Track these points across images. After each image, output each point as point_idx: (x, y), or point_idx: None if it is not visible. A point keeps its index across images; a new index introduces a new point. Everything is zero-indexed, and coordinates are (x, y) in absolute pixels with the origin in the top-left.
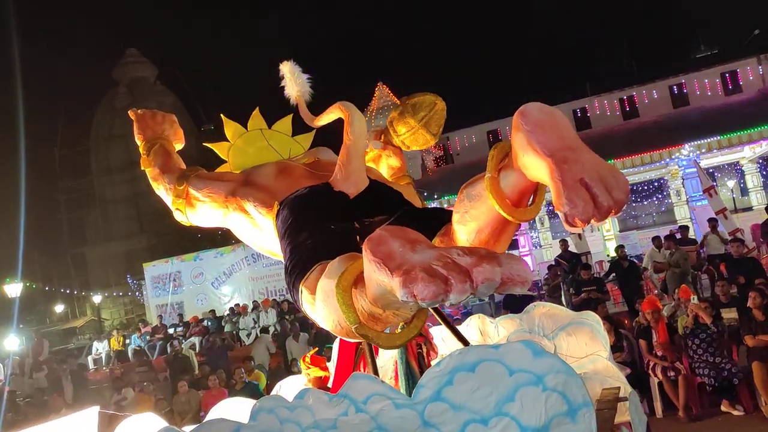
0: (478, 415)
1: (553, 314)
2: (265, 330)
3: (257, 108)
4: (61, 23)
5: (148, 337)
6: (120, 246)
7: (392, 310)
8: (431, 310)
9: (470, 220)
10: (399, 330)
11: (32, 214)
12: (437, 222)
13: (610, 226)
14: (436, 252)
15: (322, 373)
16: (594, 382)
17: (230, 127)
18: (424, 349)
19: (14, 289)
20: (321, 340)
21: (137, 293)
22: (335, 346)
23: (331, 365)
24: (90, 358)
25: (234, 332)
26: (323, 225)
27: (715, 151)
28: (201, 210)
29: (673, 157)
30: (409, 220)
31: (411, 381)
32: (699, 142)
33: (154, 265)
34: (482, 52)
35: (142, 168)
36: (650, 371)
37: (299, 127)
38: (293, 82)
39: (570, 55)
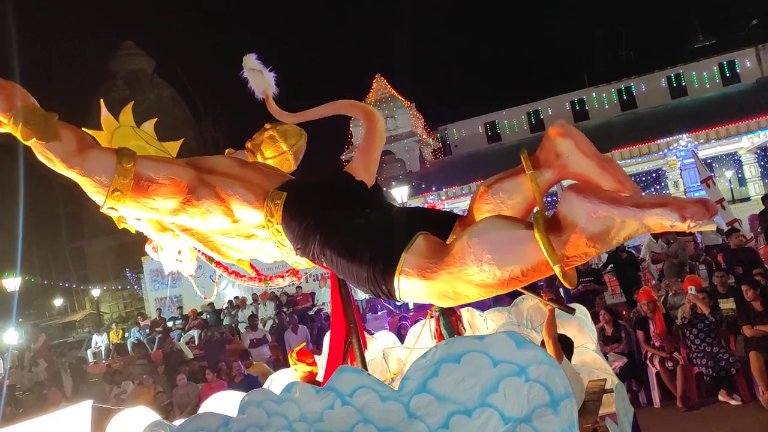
0: (462, 407)
1: (541, 307)
2: (263, 323)
3: (131, 103)
4: (57, 14)
5: (147, 331)
6: (118, 239)
7: (595, 248)
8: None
9: (506, 209)
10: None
11: (30, 208)
12: (435, 214)
13: None
14: (655, 195)
15: (309, 368)
16: (582, 373)
17: (105, 119)
18: (459, 326)
19: (13, 283)
20: (323, 333)
21: (136, 287)
22: (325, 340)
23: (322, 359)
24: (89, 352)
25: (233, 325)
26: (365, 210)
27: (713, 141)
28: (153, 196)
29: (671, 147)
30: (411, 212)
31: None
32: (697, 132)
33: (152, 259)
34: (479, 44)
35: (30, 140)
36: (648, 361)
37: (162, 132)
38: (259, 77)
39: (567, 46)
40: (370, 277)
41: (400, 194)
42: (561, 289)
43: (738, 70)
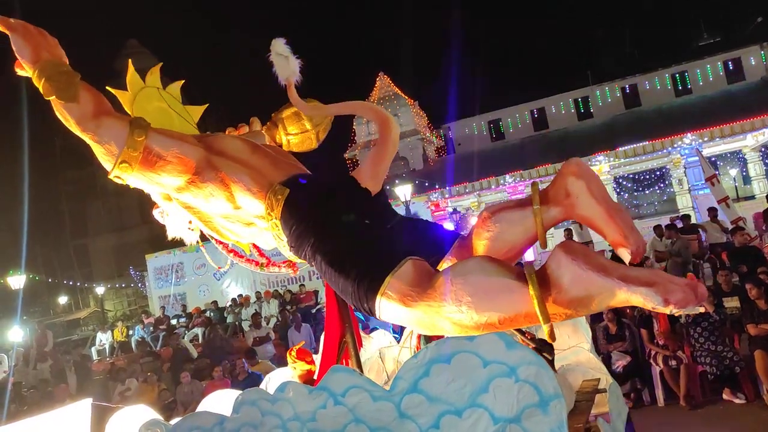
0: (452, 407)
1: None
2: (267, 321)
3: (160, 64)
4: (61, 13)
5: (151, 328)
6: (122, 237)
7: (573, 311)
8: None
9: (506, 240)
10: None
11: (34, 206)
12: (434, 233)
13: None
14: (648, 270)
15: (308, 367)
16: (576, 373)
17: (131, 79)
18: None
19: (17, 281)
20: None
21: (140, 284)
22: (321, 339)
23: (318, 358)
24: (94, 349)
25: (236, 323)
26: (365, 220)
27: (717, 139)
28: (160, 172)
29: (675, 145)
30: (410, 227)
31: None
32: (701, 130)
33: (156, 257)
34: (482, 41)
35: (51, 97)
36: (652, 360)
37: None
38: (285, 62)
39: (572, 44)
40: (355, 293)
41: (403, 192)
42: None
43: (743, 68)
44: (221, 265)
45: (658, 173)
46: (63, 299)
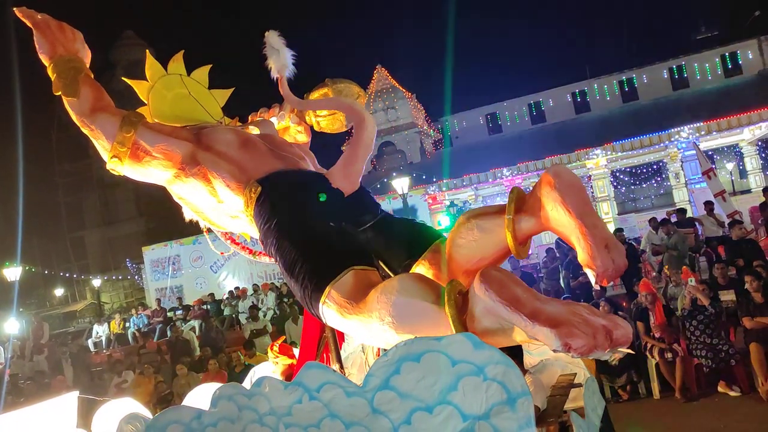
0: (423, 403)
1: None
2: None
3: (182, 51)
4: (57, 4)
5: (146, 320)
6: (119, 229)
7: (495, 341)
8: None
9: (477, 248)
10: None
11: (31, 198)
12: (412, 234)
13: (608, 209)
14: (567, 307)
15: (290, 361)
16: (555, 368)
17: (151, 68)
18: None
19: (14, 272)
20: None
21: (136, 277)
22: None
23: (258, 373)
24: (90, 342)
25: (233, 315)
26: (329, 223)
27: (714, 133)
28: (147, 166)
29: (672, 139)
30: (389, 227)
31: None
32: (698, 124)
33: (152, 249)
34: (481, 35)
35: (58, 92)
36: (647, 353)
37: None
38: (277, 55)
39: (569, 37)
40: (303, 297)
41: (400, 185)
42: (562, 280)
43: (740, 62)
44: (224, 251)
45: (655, 167)
46: (59, 291)
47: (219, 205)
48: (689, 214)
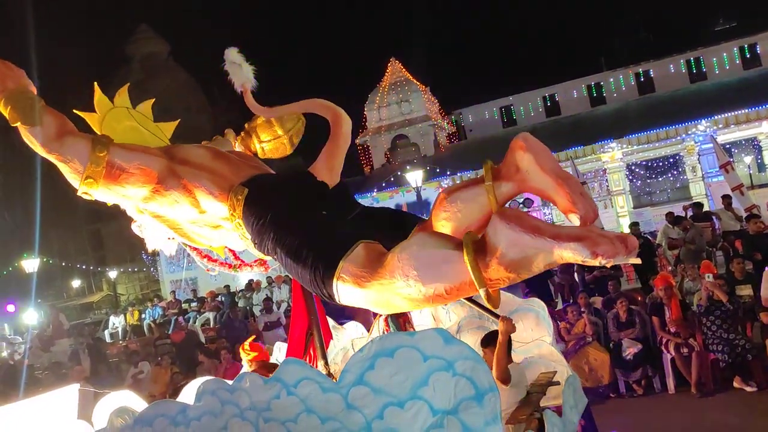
0: (395, 399)
1: (502, 301)
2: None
3: (127, 84)
4: None
5: (161, 312)
6: None
7: (515, 274)
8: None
9: (461, 219)
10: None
11: (48, 190)
12: (396, 218)
13: (623, 202)
14: (581, 227)
15: (261, 359)
16: (539, 365)
17: (100, 101)
18: (409, 327)
19: (32, 264)
20: (337, 314)
21: (152, 269)
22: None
23: (282, 348)
24: (107, 333)
25: (248, 307)
26: (321, 211)
27: (732, 126)
28: (124, 184)
29: (689, 132)
30: (372, 215)
31: None
32: (716, 117)
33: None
34: (495, 27)
35: (16, 123)
36: (663, 347)
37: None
38: (239, 70)
39: (585, 29)
40: (312, 280)
41: (414, 178)
42: (576, 274)
43: (759, 54)
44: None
45: (671, 160)
46: (76, 283)
47: (200, 217)
48: (706, 208)
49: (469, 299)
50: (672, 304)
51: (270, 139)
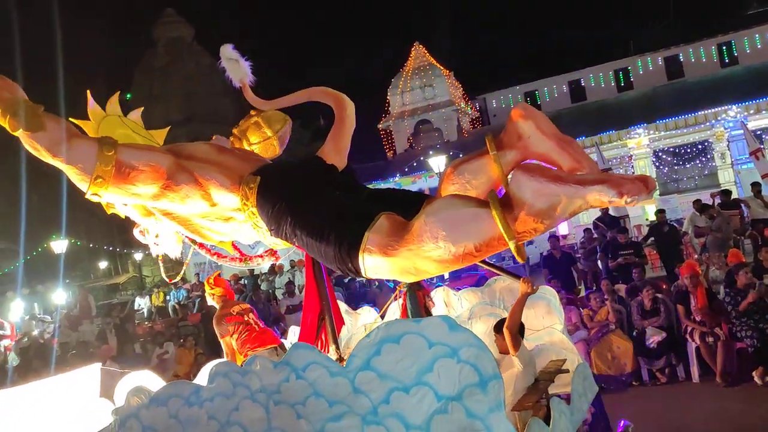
0: (401, 384)
1: (513, 288)
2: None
3: (117, 93)
4: None
5: (186, 294)
6: None
7: (542, 223)
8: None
9: (471, 189)
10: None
11: None
12: (405, 195)
13: None
14: (602, 172)
15: (222, 293)
16: (550, 353)
17: (92, 109)
18: (427, 301)
19: (60, 245)
20: (359, 299)
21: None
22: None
23: (297, 332)
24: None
25: (270, 291)
26: (338, 192)
27: (763, 112)
28: (134, 182)
29: (718, 118)
30: (381, 194)
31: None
32: (747, 103)
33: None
34: (521, 11)
35: (17, 131)
36: (688, 336)
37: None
38: (236, 66)
39: (614, 13)
40: (337, 256)
41: (437, 164)
42: (599, 261)
43: None
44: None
45: (699, 147)
46: (103, 264)
47: (212, 210)
48: (734, 196)
49: (491, 264)
50: (698, 292)
51: (259, 141)
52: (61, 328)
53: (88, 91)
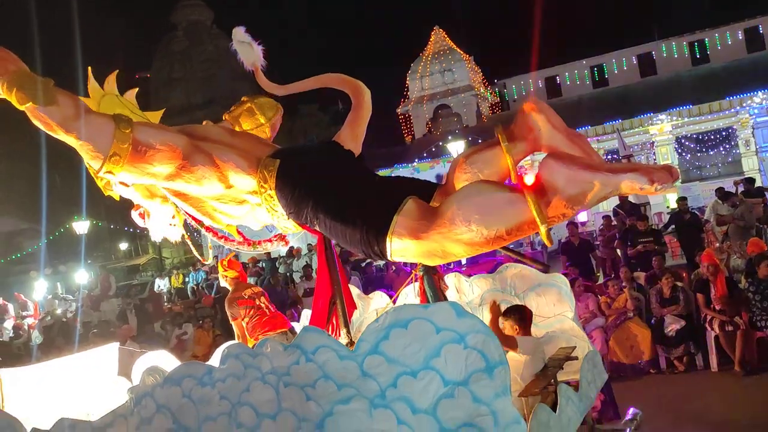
0: (409, 368)
1: (524, 275)
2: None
3: (115, 72)
4: None
5: (204, 276)
6: None
7: (571, 209)
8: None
9: (483, 178)
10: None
11: None
12: (417, 182)
13: None
14: (628, 163)
15: (236, 275)
16: (560, 340)
17: (93, 87)
18: (442, 284)
19: (82, 226)
20: (375, 283)
21: (195, 233)
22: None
23: (308, 315)
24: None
25: (288, 274)
26: (362, 176)
27: None
28: (151, 161)
29: (744, 105)
30: (392, 181)
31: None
32: None
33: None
34: None
35: (26, 104)
36: (707, 325)
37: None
38: (248, 49)
39: None
40: (363, 239)
41: (455, 149)
42: (618, 250)
43: None
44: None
45: (723, 133)
46: (123, 245)
47: (226, 192)
48: (758, 184)
49: (511, 250)
50: (718, 281)
51: (252, 128)
52: (83, 308)
53: (89, 68)
